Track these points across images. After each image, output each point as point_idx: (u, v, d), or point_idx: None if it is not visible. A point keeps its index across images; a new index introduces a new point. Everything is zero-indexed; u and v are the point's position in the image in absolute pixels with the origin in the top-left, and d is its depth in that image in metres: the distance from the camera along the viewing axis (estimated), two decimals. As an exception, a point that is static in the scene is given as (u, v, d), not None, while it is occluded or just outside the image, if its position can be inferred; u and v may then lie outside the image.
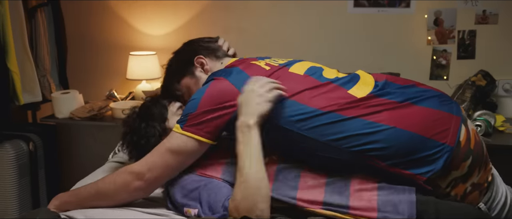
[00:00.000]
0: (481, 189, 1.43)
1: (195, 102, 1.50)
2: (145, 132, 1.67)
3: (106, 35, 3.63)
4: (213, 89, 1.51)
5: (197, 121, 1.47)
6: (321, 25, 3.35)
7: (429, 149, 1.34)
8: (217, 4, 3.44)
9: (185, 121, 1.49)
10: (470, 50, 3.19)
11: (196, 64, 1.72)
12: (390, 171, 1.37)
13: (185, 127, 1.48)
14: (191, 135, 1.47)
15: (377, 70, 3.12)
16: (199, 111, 1.48)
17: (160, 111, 1.70)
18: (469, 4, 3.13)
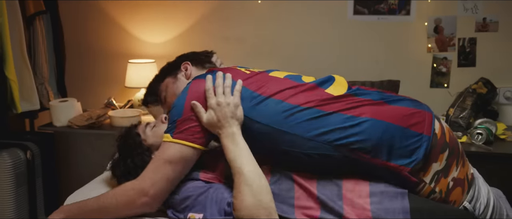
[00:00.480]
0: (463, 186, 1.47)
1: (179, 108, 1.52)
2: (134, 164, 1.68)
3: (104, 43, 3.64)
4: (193, 91, 1.55)
5: (185, 126, 1.50)
6: (321, 33, 3.37)
7: (408, 138, 1.41)
8: (217, 13, 3.45)
9: (173, 128, 1.51)
10: (471, 58, 3.20)
11: (181, 69, 1.77)
12: (375, 164, 1.42)
13: (175, 135, 1.50)
14: (182, 142, 1.49)
15: (377, 78, 3.18)
16: (185, 116, 1.51)
17: (134, 139, 1.73)
18: (469, 11, 3.15)
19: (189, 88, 1.58)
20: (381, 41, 3.31)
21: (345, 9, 3.29)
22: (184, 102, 1.53)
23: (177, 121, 1.51)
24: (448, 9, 3.18)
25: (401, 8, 3.22)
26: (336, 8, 3.31)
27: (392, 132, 1.42)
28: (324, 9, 3.33)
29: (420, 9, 3.20)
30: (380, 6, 3.25)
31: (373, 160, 1.42)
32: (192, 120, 1.51)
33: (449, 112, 3.02)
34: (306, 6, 3.34)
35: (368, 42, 3.32)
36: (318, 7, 3.33)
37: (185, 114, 1.51)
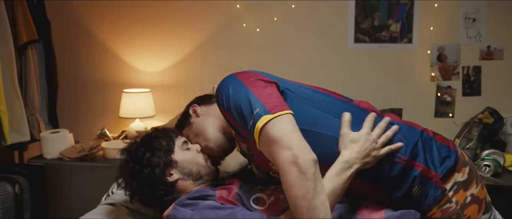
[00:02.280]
0: (480, 205, 1.52)
1: (246, 93, 1.45)
2: (149, 162, 1.64)
3: (98, 72, 3.65)
4: (240, 76, 1.55)
5: (273, 99, 1.44)
6: (321, 62, 3.39)
7: (439, 148, 1.51)
8: (215, 41, 3.48)
9: (264, 107, 1.40)
10: (476, 87, 3.22)
11: (191, 113, 1.78)
12: (410, 167, 1.48)
13: (272, 110, 1.39)
14: (283, 113, 1.40)
15: (379, 107, 3.13)
16: (261, 89, 1.47)
17: (168, 142, 1.69)
18: (472, 39, 3.18)
19: (235, 78, 1.54)
20: (383, 70, 3.33)
21: (345, 38, 3.32)
22: (245, 87, 1.47)
23: (259, 99, 1.42)
24: (451, 37, 3.21)
25: (403, 36, 3.26)
26: (337, 37, 3.34)
27: (426, 138, 1.52)
28: (324, 38, 3.36)
29: (422, 37, 3.23)
30: (381, 34, 3.28)
31: (410, 163, 1.47)
32: (273, 88, 1.50)
33: (455, 143, 3.00)
34: (306, 35, 3.37)
35: (369, 71, 3.34)
36: (318, 36, 3.36)
37: (258, 89, 1.46)
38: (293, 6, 3.35)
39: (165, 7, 3.51)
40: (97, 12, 3.60)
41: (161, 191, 1.65)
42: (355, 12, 3.28)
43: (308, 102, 1.54)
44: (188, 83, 3.52)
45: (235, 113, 1.47)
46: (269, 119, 1.37)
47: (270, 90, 1.48)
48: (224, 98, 1.51)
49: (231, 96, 1.48)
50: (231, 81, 1.53)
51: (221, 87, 1.55)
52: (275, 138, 1.35)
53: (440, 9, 3.19)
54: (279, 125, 1.36)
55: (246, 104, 1.43)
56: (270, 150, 1.37)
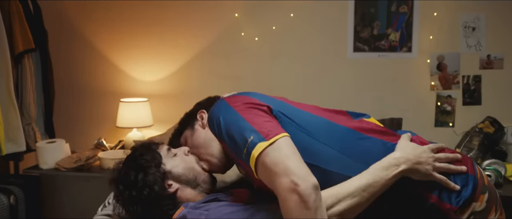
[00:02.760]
0: None
1: (240, 120, 1.41)
2: (144, 182, 1.57)
3: (95, 81, 3.65)
4: (232, 102, 1.49)
5: (267, 124, 1.39)
6: (321, 71, 3.39)
7: (456, 175, 1.45)
8: (213, 50, 3.48)
9: (259, 134, 1.35)
10: (476, 96, 3.22)
11: (198, 118, 1.72)
12: (424, 198, 1.41)
13: (267, 137, 1.34)
14: (282, 135, 1.35)
15: (379, 116, 3.15)
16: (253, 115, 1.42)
17: (153, 155, 1.63)
18: (472, 48, 3.19)
19: (226, 104, 1.50)
20: (382, 79, 3.33)
21: (345, 47, 3.33)
22: (237, 114, 1.43)
23: (253, 125, 1.38)
24: (451, 46, 3.22)
25: (402, 45, 3.26)
26: (336, 46, 3.35)
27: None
28: (323, 47, 3.36)
29: (421, 46, 3.24)
30: (381, 43, 3.29)
31: (425, 193, 1.41)
32: (265, 113, 1.44)
33: (456, 152, 3.00)
34: (305, 45, 3.38)
35: (369, 80, 3.34)
36: (317, 45, 3.37)
37: (249, 115, 1.41)
38: (292, 15, 3.36)
39: (163, 16, 3.51)
40: (94, 21, 3.61)
41: (169, 205, 1.59)
42: (354, 21, 3.29)
43: (305, 130, 1.47)
44: (186, 93, 3.52)
45: (229, 141, 1.43)
46: (265, 146, 1.31)
47: (263, 114, 1.43)
48: (215, 126, 1.49)
49: (223, 124, 1.45)
50: (222, 108, 1.50)
51: (212, 114, 1.52)
52: (272, 165, 1.29)
53: (440, 18, 3.20)
54: (275, 152, 1.30)
55: (239, 132, 1.38)
56: (269, 178, 1.31)
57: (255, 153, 1.31)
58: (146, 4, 3.52)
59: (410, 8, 3.22)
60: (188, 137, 1.71)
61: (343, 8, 3.30)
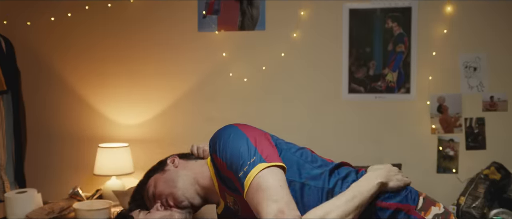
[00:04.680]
0: None
1: (244, 140, 1.54)
2: None
3: (71, 124, 3.62)
4: (239, 127, 1.63)
5: (268, 150, 1.53)
6: (314, 114, 3.37)
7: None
8: (198, 92, 3.47)
9: (259, 155, 1.49)
10: (480, 140, 3.19)
11: (169, 162, 1.84)
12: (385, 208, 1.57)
13: (267, 159, 1.48)
14: (277, 164, 1.48)
15: (376, 162, 3.08)
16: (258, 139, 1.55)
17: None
18: (474, 89, 3.18)
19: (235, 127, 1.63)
20: (379, 122, 3.31)
21: (339, 88, 3.32)
22: (244, 135, 1.56)
23: (257, 148, 1.51)
24: (452, 87, 3.22)
25: (400, 86, 3.26)
26: (330, 87, 3.34)
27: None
28: (316, 88, 3.36)
29: (420, 87, 3.24)
30: (377, 84, 3.28)
31: (383, 203, 1.56)
32: (270, 140, 1.60)
33: (460, 201, 2.95)
34: (297, 85, 3.37)
35: (365, 123, 3.32)
36: (310, 86, 3.36)
37: (256, 138, 1.55)
38: (283, 55, 3.36)
39: (145, 54, 3.52)
40: (71, 61, 3.60)
41: None
42: (349, 61, 3.30)
43: (299, 155, 1.65)
44: (170, 137, 3.49)
45: (231, 160, 1.52)
46: (264, 167, 1.44)
47: (268, 142, 1.58)
48: (221, 145, 1.58)
49: (230, 143, 1.55)
50: (231, 129, 1.62)
51: (219, 134, 1.62)
52: (265, 187, 1.40)
53: (439, 58, 3.21)
54: (271, 175, 1.43)
55: (245, 151, 1.50)
56: (257, 199, 1.41)
57: (254, 172, 1.43)
58: (127, 43, 3.54)
59: (408, 48, 3.23)
60: (158, 178, 1.80)
61: (337, 47, 3.31)
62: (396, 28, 3.24)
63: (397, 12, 3.23)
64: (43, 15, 3.59)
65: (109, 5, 3.53)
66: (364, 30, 3.27)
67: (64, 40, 3.60)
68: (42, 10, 3.60)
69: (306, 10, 3.33)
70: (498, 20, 3.14)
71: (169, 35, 3.49)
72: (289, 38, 3.35)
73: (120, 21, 3.54)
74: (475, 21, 3.17)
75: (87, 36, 3.58)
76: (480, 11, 3.15)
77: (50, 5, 3.60)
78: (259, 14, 3.38)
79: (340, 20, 3.29)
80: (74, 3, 3.56)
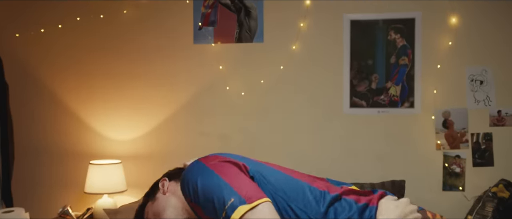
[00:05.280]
0: None
1: (221, 181, 1.42)
2: None
3: (61, 140, 3.58)
4: (206, 161, 1.51)
5: (247, 185, 1.42)
6: (314, 129, 3.33)
7: None
8: (194, 106, 3.44)
9: (239, 196, 1.37)
10: (487, 156, 3.14)
11: (160, 187, 1.76)
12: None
13: (248, 199, 1.37)
14: (260, 202, 1.37)
15: (378, 178, 3.13)
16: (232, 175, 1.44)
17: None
18: (481, 103, 3.14)
19: (202, 165, 1.51)
20: (382, 138, 3.26)
21: (340, 102, 3.29)
22: (214, 174, 1.45)
23: (232, 186, 1.40)
24: (457, 101, 3.17)
25: (404, 99, 3.21)
26: (330, 101, 3.30)
27: None
28: (316, 103, 3.32)
29: (425, 101, 3.20)
30: (380, 98, 3.24)
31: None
32: (245, 173, 1.47)
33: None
34: (296, 100, 3.34)
35: (368, 138, 3.28)
36: (310, 100, 3.32)
37: (229, 175, 1.43)
38: (282, 68, 3.33)
39: (138, 67, 3.49)
40: (61, 74, 3.58)
41: None
42: (350, 74, 3.26)
43: (281, 193, 1.49)
44: (164, 154, 3.46)
45: (206, 204, 1.43)
46: (246, 210, 1.33)
47: (243, 176, 1.46)
48: (191, 189, 1.47)
49: (200, 186, 1.44)
50: (199, 169, 1.50)
51: (187, 176, 1.51)
52: None
53: (444, 71, 3.17)
54: (257, 216, 1.33)
55: (219, 194, 1.39)
56: None
57: (236, 216, 1.33)
58: (120, 56, 3.51)
59: (411, 60, 3.20)
60: (149, 208, 1.75)
61: (338, 60, 3.27)
62: (399, 40, 3.20)
63: (400, 24, 3.19)
64: (33, 26, 3.57)
65: (101, 16, 3.51)
66: (366, 42, 3.23)
67: (54, 53, 3.57)
68: (31, 22, 3.58)
69: (306, 22, 3.30)
70: (505, 32, 3.11)
71: (163, 48, 3.46)
72: (288, 51, 3.31)
73: (113, 32, 3.52)
74: (481, 33, 3.13)
75: (79, 48, 3.55)
76: (486, 22, 3.12)
77: (40, 17, 3.58)
78: (257, 25, 3.36)
79: (341, 32, 3.26)
80: (65, 14, 3.54)
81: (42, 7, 3.56)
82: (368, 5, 3.22)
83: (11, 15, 3.57)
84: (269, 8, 3.33)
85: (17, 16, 3.57)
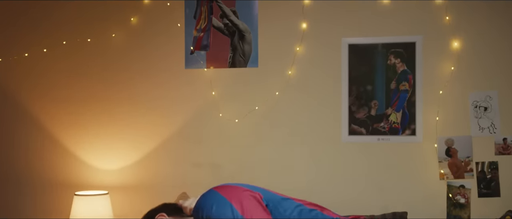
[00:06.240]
0: None
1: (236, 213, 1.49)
2: None
3: (45, 169, 3.55)
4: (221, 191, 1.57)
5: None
6: (310, 158, 3.30)
7: None
8: (185, 135, 3.43)
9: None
10: (494, 186, 3.10)
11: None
12: None
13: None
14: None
15: (379, 210, 3.11)
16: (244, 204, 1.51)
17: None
18: (485, 131, 3.10)
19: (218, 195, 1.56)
20: (383, 167, 3.23)
21: (338, 130, 3.26)
22: (228, 203, 1.51)
23: (244, 216, 1.48)
24: (461, 129, 3.14)
25: (405, 127, 3.19)
26: (328, 129, 3.28)
27: None
28: (313, 130, 3.29)
29: (427, 128, 3.16)
30: (380, 126, 3.21)
31: None
32: (260, 203, 1.55)
33: (475, 254, 2.82)
34: (293, 127, 3.32)
35: (367, 167, 3.25)
36: (306, 128, 3.30)
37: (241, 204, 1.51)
38: (277, 94, 3.31)
39: (127, 93, 3.49)
40: (45, 99, 3.58)
41: None
42: (349, 100, 3.24)
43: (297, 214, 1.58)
44: (153, 184, 3.43)
45: None
46: None
47: (257, 203, 1.53)
48: (204, 217, 1.53)
49: (214, 214, 1.50)
50: (213, 198, 1.55)
51: (202, 204, 1.56)
52: None
53: (446, 97, 3.15)
54: None
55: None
56: None
57: None
58: (107, 81, 3.51)
59: (412, 86, 3.17)
60: None
61: (336, 85, 3.26)
62: (399, 64, 3.18)
63: (400, 48, 3.17)
64: (16, 51, 3.57)
65: (88, 39, 3.50)
66: (365, 67, 3.21)
67: (39, 78, 3.57)
68: (15, 46, 3.58)
69: (302, 46, 3.28)
70: (510, 56, 3.09)
71: (153, 73, 3.45)
72: (284, 76, 3.30)
73: (100, 57, 3.51)
74: (484, 57, 3.11)
75: (64, 72, 3.55)
76: (489, 46, 3.10)
77: (24, 40, 3.58)
78: (252, 50, 3.34)
79: (339, 56, 3.24)
80: (51, 37, 3.54)
81: (27, 30, 3.56)
82: (367, 29, 3.21)
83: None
84: (264, 31, 3.32)
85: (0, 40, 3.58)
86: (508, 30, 3.08)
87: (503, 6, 3.07)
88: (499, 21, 3.08)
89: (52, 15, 3.55)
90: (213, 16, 3.39)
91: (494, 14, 3.08)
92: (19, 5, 3.59)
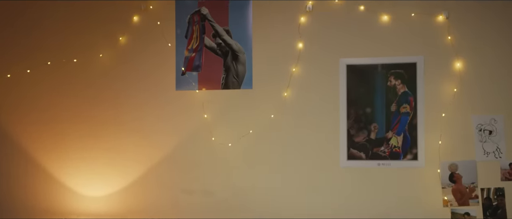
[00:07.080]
0: None
1: None
2: None
3: (28, 197, 3.52)
4: None
5: None
6: (308, 183, 3.25)
7: None
8: (175, 159, 3.39)
9: None
10: (500, 214, 3.05)
11: None
12: None
13: None
14: None
15: None
16: None
17: None
18: (491, 155, 3.05)
19: None
20: (383, 193, 3.18)
21: (337, 154, 3.22)
22: None
23: None
24: (465, 153, 3.09)
25: (406, 151, 3.15)
26: (326, 153, 3.24)
27: None
28: (310, 155, 3.25)
29: (429, 152, 3.12)
30: (380, 150, 3.17)
31: None
32: None
33: None
34: (289, 152, 3.28)
35: (367, 194, 3.20)
36: (303, 152, 3.26)
37: None
38: (272, 116, 3.27)
39: (115, 116, 3.47)
40: (28, 122, 3.57)
41: None
42: (347, 123, 3.21)
43: None
44: (142, 211, 3.40)
45: None
46: None
47: None
48: None
49: None
50: None
51: None
52: None
53: (449, 120, 3.10)
54: None
55: None
56: None
57: None
58: (94, 103, 3.49)
59: (413, 108, 3.13)
60: None
61: (334, 108, 3.22)
62: (400, 86, 3.14)
63: (401, 69, 3.14)
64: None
65: (74, 60, 3.48)
66: (364, 88, 3.18)
67: (22, 100, 3.56)
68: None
69: (298, 67, 3.25)
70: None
71: (143, 94, 3.42)
72: (280, 98, 3.27)
73: (86, 78, 3.50)
74: (488, 79, 3.06)
75: (49, 94, 3.54)
76: (493, 67, 3.06)
77: (7, 61, 3.57)
78: (246, 70, 3.32)
79: (337, 78, 3.21)
80: (35, 58, 3.52)
81: (11, 50, 3.55)
82: (366, 49, 3.18)
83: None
84: (259, 51, 3.29)
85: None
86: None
87: (507, 25, 3.05)
88: (503, 41, 3.05)
89: (36, 33, 3.53)
90: (205, 35, 3.36)
91: (498, 34, 3.05)
92: (2, 24, 3.57)
